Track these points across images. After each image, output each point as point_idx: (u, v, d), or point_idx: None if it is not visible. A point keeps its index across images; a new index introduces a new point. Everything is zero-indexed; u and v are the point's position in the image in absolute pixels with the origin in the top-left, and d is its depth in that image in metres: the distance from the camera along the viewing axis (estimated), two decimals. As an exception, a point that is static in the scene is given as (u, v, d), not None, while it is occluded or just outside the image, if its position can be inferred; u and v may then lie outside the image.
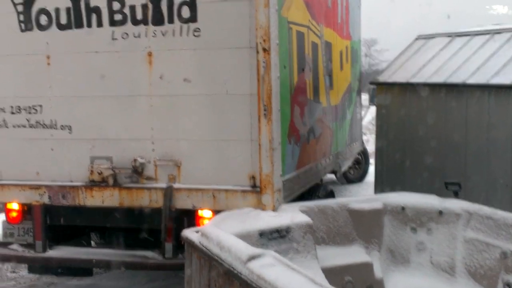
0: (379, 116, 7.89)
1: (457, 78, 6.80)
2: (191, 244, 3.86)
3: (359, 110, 10.32)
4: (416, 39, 8.39)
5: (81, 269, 5.54)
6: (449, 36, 7.86)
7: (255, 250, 3.30)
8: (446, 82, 6.89)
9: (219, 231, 3.68)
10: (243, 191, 4.70)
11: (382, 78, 7.85)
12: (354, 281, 4.66)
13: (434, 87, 7.06)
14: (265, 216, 4.33)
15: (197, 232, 3.91)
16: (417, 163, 7.16)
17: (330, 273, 4.39)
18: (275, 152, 4.62)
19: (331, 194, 6.62)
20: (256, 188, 4.68)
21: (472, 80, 6.64)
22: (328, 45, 7.15)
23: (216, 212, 4.70)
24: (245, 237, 3.84)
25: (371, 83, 8.61)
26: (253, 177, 4.69)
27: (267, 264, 3.12)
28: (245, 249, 3.34)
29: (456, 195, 5.17)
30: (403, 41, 8.54)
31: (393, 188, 6.68)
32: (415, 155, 7.23)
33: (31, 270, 5.84)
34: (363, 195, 8.21)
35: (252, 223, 4.15)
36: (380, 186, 7.52)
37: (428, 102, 7.14)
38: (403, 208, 5.01)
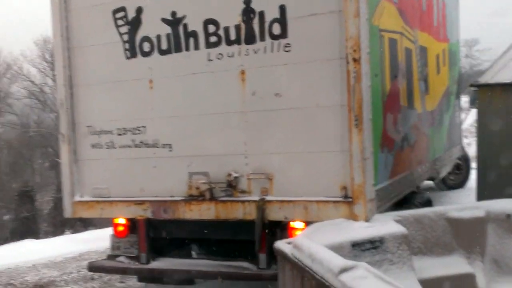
0: (480, 119, 7.53)
1: None
2: (284, 255, 3.92)
3: (458, 113, 9.95)
4: (521, 36, 7.95)
5: (184, 279, 5.75)
6: None
7: (347, 262, 3.29)
8: None
9: (311, 243, 3.72)
10: (335, 202, 4.69)
11: (484, 79, 7.49)
12: (455, 293, 4.53)
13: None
14: (357, 227, 4.32)
15: (289, 243, 3.97)
16: (523, 167, 6.78)
17: (429, 285, 4.29)
18: (367, 162, 4.59)
19: (428, 202, 6.45)
20: (348, 198, 4.66)
21: None
22: (423, 50, 7.00)
23: (308, 223, 4.73)
24: (337, 248, 3.85)
25: (472, 85, 8.25)
26: (345, 188, 4.68)
27: (360, 277, 3.10)
28: (336, 261, 3.34)
29: None
30: (507, 40, 8.09)
31: (497, 195, 6.35)
32: (521, 159, 6.84)
33: (140, 279, 6.19)
34: (463, 203, 7.87)
35: (344, 234, 4.15)
36: (483, 192, 7.17)
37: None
38: (508, 216, 4.80)
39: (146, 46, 5.43)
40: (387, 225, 4.34)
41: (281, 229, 5.02)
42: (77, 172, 5.81)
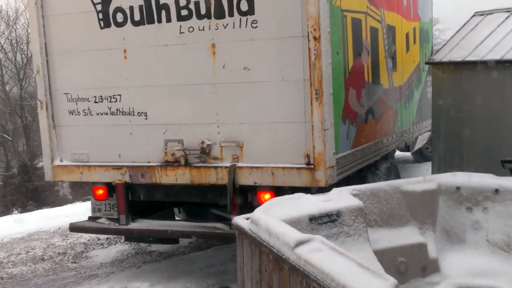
0: (435, 95, 7.11)
1: None
2: (241, 230, 3.57)
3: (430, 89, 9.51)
4: (473, 15, 7.42)
5: (167, 238, 5.51)
6: (508, 11, 6.87)
7: (303, 236, 2.98)
8: (502, 59, 6.04)
9: (268, 218, 3.37)
10: (299, 168, 4.60)
11: (438, 57, 7.02)
12: (408, 262, 4.22)
13: (491, 65, 6.22)
14: (315, 201, 3.98)
15: (247, 219, 3.61)
16: (474, 142, 6.39)
17: (383, 255, 3.99)
18: (327, 132, 4.49)
19: (394, 169, 6.27)
20: (310, 165, 4.56)
21: (528, 56, 5.77)
22: (391, 29, 6.69)
23: (275, 187, 4.65)
24: (295, 222, 3.51)
25: (427, 63, 7.80)
26: (308, 156, 4.57)
27: (315, 249, 2.81)
28: (292, 234, 3.03)
29: (512, 173, 4.57)
30: (465, 20, 7.60)
31: (450, 168, 6.02)
32: (472, 135, 6.46)
33: (126, 239, 5.98)
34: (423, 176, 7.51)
35: (302, 208, 3.77)
36: (437, 166, 6.82)
37: (485, 80, 6.32)
38: (458, 188, 4.48)
39: (119, 17, 5.03)
40: (344, 198, 3.97)
41: (252, 192, 4.87)
42: (56, 138, 5.45)
